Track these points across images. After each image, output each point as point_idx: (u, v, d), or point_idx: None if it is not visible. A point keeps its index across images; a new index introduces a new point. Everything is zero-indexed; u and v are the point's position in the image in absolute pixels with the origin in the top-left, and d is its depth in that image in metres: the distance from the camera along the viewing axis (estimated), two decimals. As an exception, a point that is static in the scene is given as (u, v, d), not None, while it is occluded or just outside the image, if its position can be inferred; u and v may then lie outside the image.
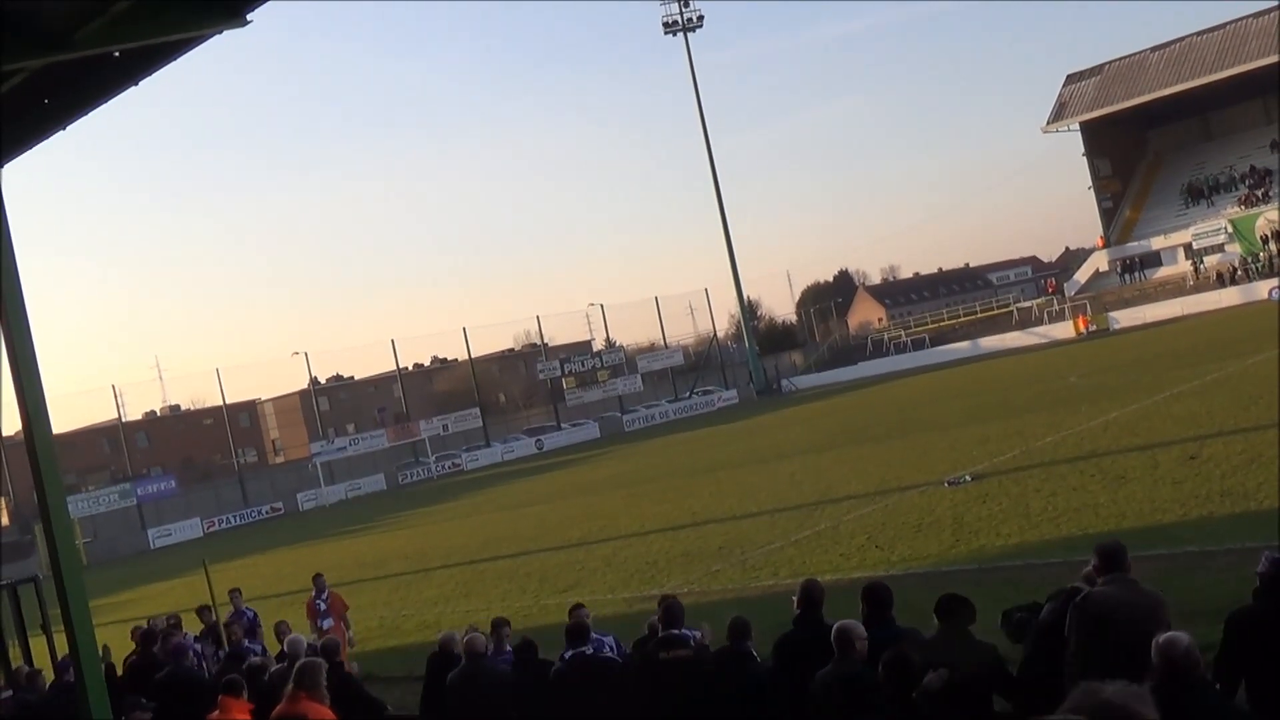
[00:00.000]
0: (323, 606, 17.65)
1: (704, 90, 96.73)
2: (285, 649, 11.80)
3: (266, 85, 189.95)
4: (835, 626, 7.56)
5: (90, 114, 9.52)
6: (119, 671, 13.94)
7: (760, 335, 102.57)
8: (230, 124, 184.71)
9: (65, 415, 79.49)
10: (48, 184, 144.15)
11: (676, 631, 8.91)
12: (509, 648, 10.61)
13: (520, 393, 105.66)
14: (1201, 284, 71.62)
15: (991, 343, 78.64)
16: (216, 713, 9.20)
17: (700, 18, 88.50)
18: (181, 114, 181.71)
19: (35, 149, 9.94)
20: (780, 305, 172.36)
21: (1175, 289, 72.89)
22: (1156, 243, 78.01)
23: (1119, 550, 7.12)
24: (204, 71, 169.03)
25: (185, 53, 8.74)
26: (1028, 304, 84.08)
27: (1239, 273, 69.86)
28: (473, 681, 9.64)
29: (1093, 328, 72.83)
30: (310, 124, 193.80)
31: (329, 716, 8.39)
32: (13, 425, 10.17)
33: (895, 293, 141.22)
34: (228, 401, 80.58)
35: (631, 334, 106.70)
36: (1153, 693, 5.40)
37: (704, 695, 8.35)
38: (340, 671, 10.23)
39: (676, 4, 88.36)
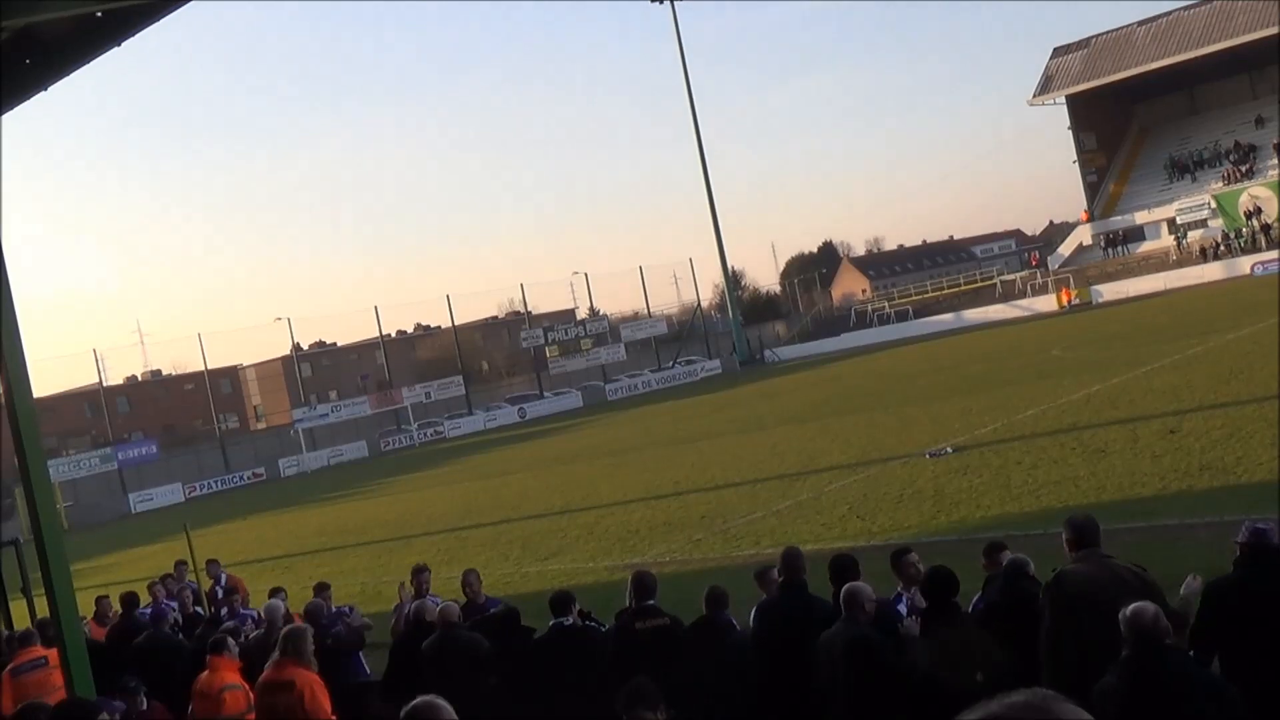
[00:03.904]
0: (220, 593, 16.12)
1: (690, 60, 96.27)
2: (263, 615, 11.79)
3: (248, 48, 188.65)
4: (844, 588, 7.61)
5: (72, 75, 9.43)
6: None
7: (744, 306, 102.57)
8: (212, 88, 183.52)
9: (46, 379, 79.21)
10: (29, 147, 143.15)
11: (652, 602, 8.91)
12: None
13: (503, 361, 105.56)
14: (1184, 259, 71.77)
15: (974, 315, 78.75)
16: (205, 673, 9.18)
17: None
18: (163, 77, 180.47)
19: (15, 111, 9.84)
20: (764, 276, 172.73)
21: (1158, 263, 73.01)
22: (1140, 217, 78.16)
23: (1091, 526, 7.10)
24: (188, 33, 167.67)
25: (168, 14, 8.66)
26: (1011, 277, 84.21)
27: (1222, 248, 70.05)
28: (447, 650, 9.62)
29: (1076, 301, 72.98)
30: (292, 90, 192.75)
31: (317, 681, 8.36)
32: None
33: (879, 264, 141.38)
34: (210, 367, 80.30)
35: (615, 303, 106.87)
36: (1124, 664, 5.51)
37: (682, 665, 8.36)
38: (325, 638, 10.23)
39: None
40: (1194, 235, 73.16)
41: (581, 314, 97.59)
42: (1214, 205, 72.95)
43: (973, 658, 7.14)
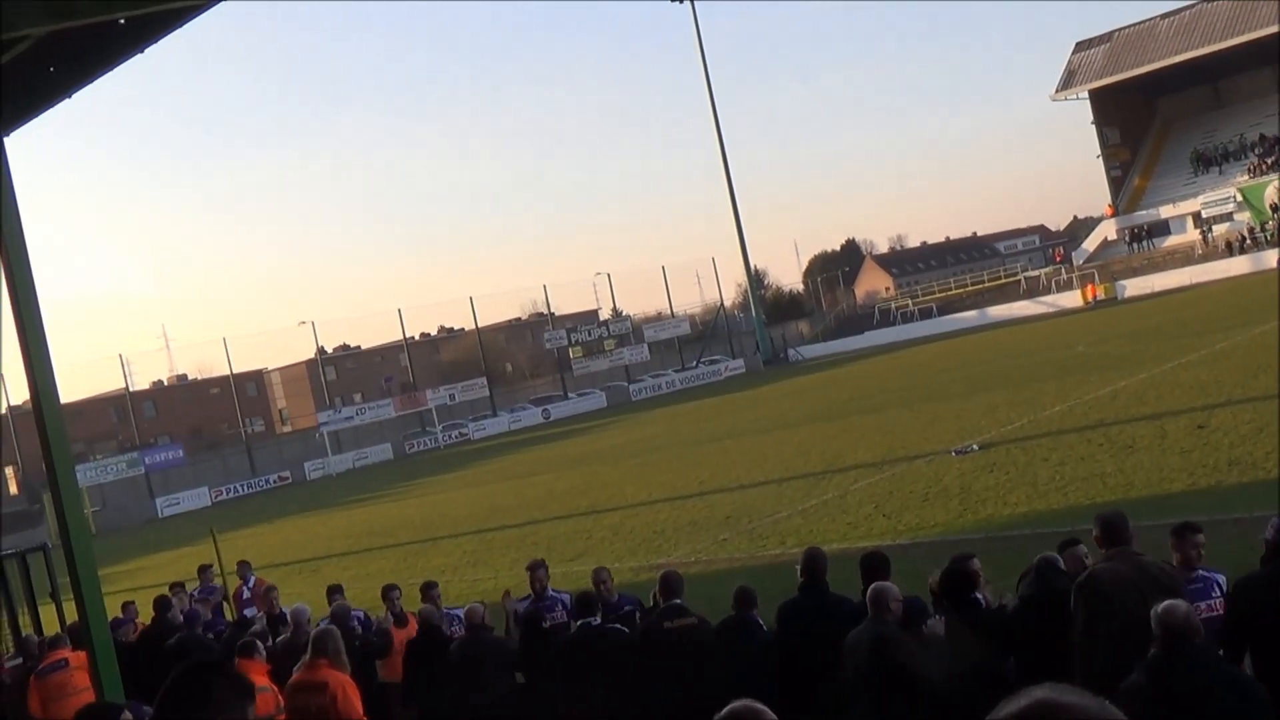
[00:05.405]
0: (246, 594, 16.49)
1: (711, 57, 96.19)
2: (289, 618, 11.82)
3: (270, 52, 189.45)
4: (870, 587, 7.58)
5: (95, 82, 9.46)
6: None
7: (767, 304, 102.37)
8: (235, 92, 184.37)
9: (73, 384, 79.83)
10: (53, 153, 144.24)
11: (679, 601, 8.90)
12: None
13: (527, 362, 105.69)
14: (1210, 253, 71.37)
15: (999, 312, 78.50)
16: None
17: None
18: (186, 81, 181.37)
19: (40, 118, 9.88)
20: (787, 274, 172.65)
21: (1184, 258, 72.62)
22: (1165, 211, 77.72)
23: (1122, 522, 7.03)
24: (210, 37, 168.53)
25: (191, 20, 8.66)
26: (1035, 273, 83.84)
27: (1247, 241, 69.57)
28: (471, 652, 9.63)
29: (1101, 297, 72.67)
30: (314, 92, 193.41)
31: (349, 683, 8.34)
32: (21, 394, 10.06)
33: (903, 262, 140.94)
34: (235, 371, 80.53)
35: (638, 303, 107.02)
36: (1152, 661, 5.47)
37: (709, 664, 8.36)
38: (350, 641, 10.23)
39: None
40: (1219, 229, 72.71)
41: (604, 314, 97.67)
42: (1239, 198, 72.49)
43: (991, 655, 7.12)
